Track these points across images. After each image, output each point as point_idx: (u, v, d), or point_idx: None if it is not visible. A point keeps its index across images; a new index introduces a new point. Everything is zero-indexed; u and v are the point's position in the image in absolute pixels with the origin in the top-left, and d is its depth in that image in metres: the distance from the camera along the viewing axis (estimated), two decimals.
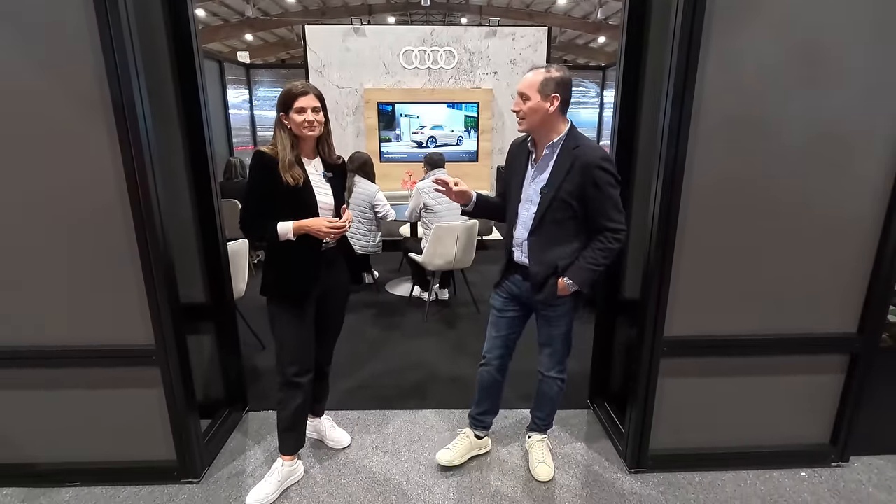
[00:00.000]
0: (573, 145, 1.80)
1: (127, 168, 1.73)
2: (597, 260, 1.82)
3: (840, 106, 1.80)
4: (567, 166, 1.78)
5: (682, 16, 1.67)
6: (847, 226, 1.93)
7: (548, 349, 2.05)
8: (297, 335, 1.97)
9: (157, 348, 1.91)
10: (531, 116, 1.79)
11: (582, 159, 1.77)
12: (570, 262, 1.85)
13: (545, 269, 1.86)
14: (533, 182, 1.87)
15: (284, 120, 1.85)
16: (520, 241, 1.91)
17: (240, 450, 2.32)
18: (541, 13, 16.61)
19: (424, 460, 2.25)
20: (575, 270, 1.84)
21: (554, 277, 1.86)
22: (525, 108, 1.79)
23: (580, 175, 1.77)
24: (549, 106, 1.77)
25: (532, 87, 1.76)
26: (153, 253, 1.81)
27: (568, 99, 1.81)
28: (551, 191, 1.80)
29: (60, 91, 1.68)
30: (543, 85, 1.75)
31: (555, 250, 1.85)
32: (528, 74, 1.80)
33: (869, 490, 2.07)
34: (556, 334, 1.99)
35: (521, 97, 1.79)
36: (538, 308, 1.98)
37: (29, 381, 1.97)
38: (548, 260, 1.86)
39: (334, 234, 1.89)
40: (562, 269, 1.85)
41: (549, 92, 1.76)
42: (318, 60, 6.67)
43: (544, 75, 1.76)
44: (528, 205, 1.88)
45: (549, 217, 1.82)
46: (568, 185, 1.78)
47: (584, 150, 1.79)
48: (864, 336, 2.03)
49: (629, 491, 2.06)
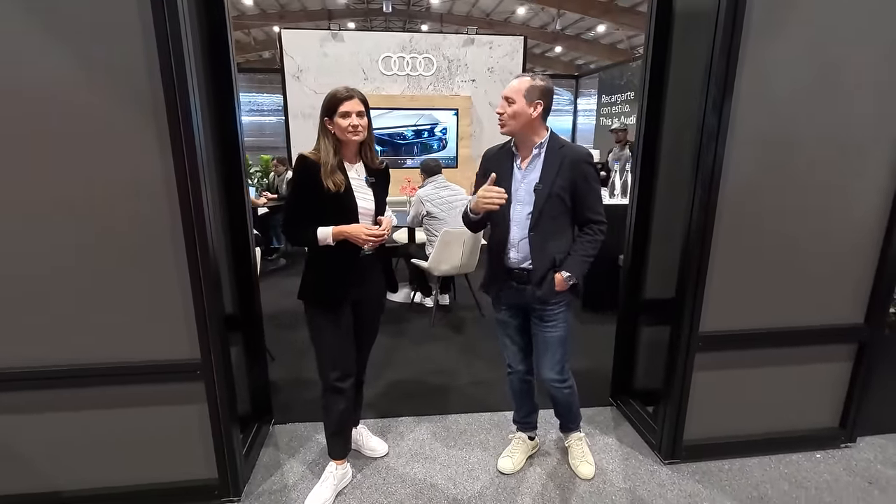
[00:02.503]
0: (558, 145, 1.89)
1: (178, 172, 1.65)
2: (587, 252, 1.91)
3: (856, 116, 1.97)
4: (557, 163, 1.86)
5: (722, 32, 1.79)
6: (856, 224, 2.11)
7: (546, 355, 2.04)
8: (335, 340, 1.94)
9: (202, 362, 1.82)
10: (514, 120, 1.85)
11: (571, 156, 1.86)
12: (564, 257, 1.92)
13: (545, 265, 1.91)
14: (523, 182, 1.92)
15: (328, 125, 1.83)
16: (516, 241, 1.94)
17: (274, 464, 2.24)
18: (500, 23, 16.97)
19: (466, 464, 2.26)
20: (572, 263, 1.90)
21: (552, 272, 1.92)
22: (509, 111, 1.84)
23: (570, 170, 1.85)
24: (532, 111, 1.84)
25: (518, 93, 1.83)
26: (203, 261, 1.73)
27: (549, 106, 1.90)
28: (546, 187, 1.86)
29: (108, 88, 1.59)
30: (529, 91, 1.82)
31: (552, 245, 1.91)
32: (514, 80, 1.86)
33: (878, 467, 2.26)
34: (553, 337, 2.01)
35: (507, 101, 1.85)
36: (535, 310, 1.99)
37: (56, 402, 1.84)
38: (547, 255, 1.91)
39: (373, 241, 1.88)
40: (559, 262, 1.91)
41: (533, 98, 1.83)
42: (296, 66, 6.53)
43: (530, 83, 1.83)
44: (520, 205, 1.92)
45: (545, 213, 1.88)
46: (560, 181, 1.85)
47: (571, 148, 1.91)
48: (871, 326, 2.23)
49: (668, 481, 2.16)
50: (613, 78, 8.17)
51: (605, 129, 7.88)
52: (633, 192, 2.50)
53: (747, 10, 1.78)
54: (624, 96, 7.83)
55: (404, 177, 4.79)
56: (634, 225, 2.52)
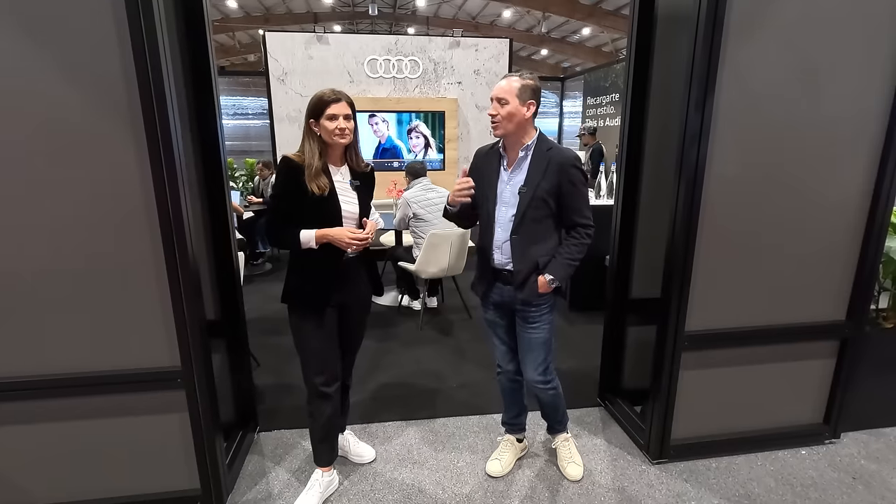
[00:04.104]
0: (546, 147, 1.88)
1: (156, 176, 1.62)
2: (573, 255, 1.90)
3: (832, 113, 2.00)
4: (543, 166, 1.85)
5: (703, 33, 1.80)
6: (837, 222, 2.14)
7: (530, 356, 2.03)
8: (320, 344, 1.92)
9: (183, 370, 1.78)
10: (508, 121, 1.82)
11: (557, 159, 1.85)
12: (548, 260, 1.91)
13: (527, 267, 1.90)
14: (509, 184, 1.91)
15: (314, 127, 1.81)
16: (500, 242, 1.93)
17: (259, 473, 2.20)
18: (486, 25, 17.04)
19: (454, 468, 2.24)
20: (555, 266, 1.89)
21: (535, 275, 1.91)
22: (503, 113, 1.81)
23: (556, 174, 1.84)
24: (526, 112, 1.83)
25: (510, 93, 1.80)
26: (182, 266, 1.70)
27: (539, 106, 1.90)
28: (530, 190, 1.85)
29: (82, 93, 1.55)
30: (521, 91, 1.81)
31: (535, 248, 1.90)
32: (503, 81, 1.84)
33: (861, 462, 2.28)
34: (537, 339, 2.00)
35: (499, 102, 1.81)
36: (519, 311, 1.99)
37: (32, 413, 1.78)
38: (529, 258, 1.90)
39: (357, 245, 1.86)
40: (542, 265, 1.90)
41: (526, 98, 1.82)
42: (280, 68, 6.48)
43: (522, 82, 1.82)
44: (504, 207, 1.91)
45: (528, 216, 1.87)
46: (545, 184, 1.84)
47: (558, 151, 1.89)
48: (852, 321, 2.25)
49: (656, 481, 2.16)
50: (598, 80, 8.23)
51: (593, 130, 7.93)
52: (618, 192, 2.51)
53: (727, 11, 1.79)
54: (609, 98, 7.88)
55: (391, 179, 4.77)
56: (620, 225, 2.53)
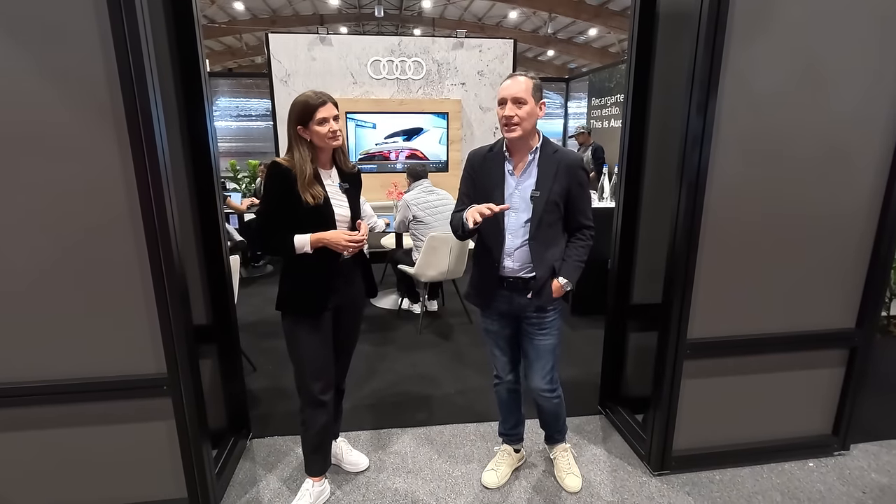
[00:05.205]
0: (551, 150, 1.83)
1: (140, 179, 1.58)
2: (581, 257, 1.88)
3: (840, 116, 1.92)
4: (553, 169, 1.80)
5: (705, 33, 1.74)
6: (846, 226, 2.06)
7: (538, 364, 1.97)
8: (317, 350, 1.87)
9: (169, 377, 1.74)
10: (527, 121, 1.74)
11: (565, 161, 1.81)
12: (561, 263, 1.87)
13: (546, 272, 1.85)
14: (517, 189, 1.84)
15: (303, 133, 1.76)
16: (511, 249, 1.86)
17: (251, 480, 2.16)
18: (492, 26, 16.99)
19: (449, 478, 2.18)
20: (567, 269, 1.86)
21: (549, 279, 1.86)
22: (522, 114, 1.72)
23: (566, 176, 1.80)
24: (540, 112, 1.78)
25: (527, 92, 1.72)
26: (167, 271, 1.66)
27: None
28: (543, 194, 1.80)
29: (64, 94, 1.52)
30: (535, 90, 1.75)
31: (550, 252, 1.86)
32: (514, 81, 1.74)
33: (872, 476, 2.20)
34: (546, 345, 1.94)
35: (517, 103, 1.72)
36: (530, 318, 1.93)
37: (14, 421, 1.75)
38: (546, 262, 1.85)
39: (353, 247, 1.82)
40: (557, 269, 1.86)
41: (539, 98, 1.77)
42: (283, 70, 6.47)
43: (533, 81, 1.75)
44: (515, 213, 1.84)
45: (544, 220, 1.82)
46: (557, 187, 1.80)
47: (565, 153, 1.84)
48: (862, 329, 2.17)
49: (657, 494, 2.09)
50: (603, 80, 8.14)
51: (596, 132, 7.85)
52: (620, 195, 2.45)
53: (730, 11, 1.73)
54: (613, 98, 7.79)
55: (391, 181, 4.72)
56: (621, 229, 2.46)
